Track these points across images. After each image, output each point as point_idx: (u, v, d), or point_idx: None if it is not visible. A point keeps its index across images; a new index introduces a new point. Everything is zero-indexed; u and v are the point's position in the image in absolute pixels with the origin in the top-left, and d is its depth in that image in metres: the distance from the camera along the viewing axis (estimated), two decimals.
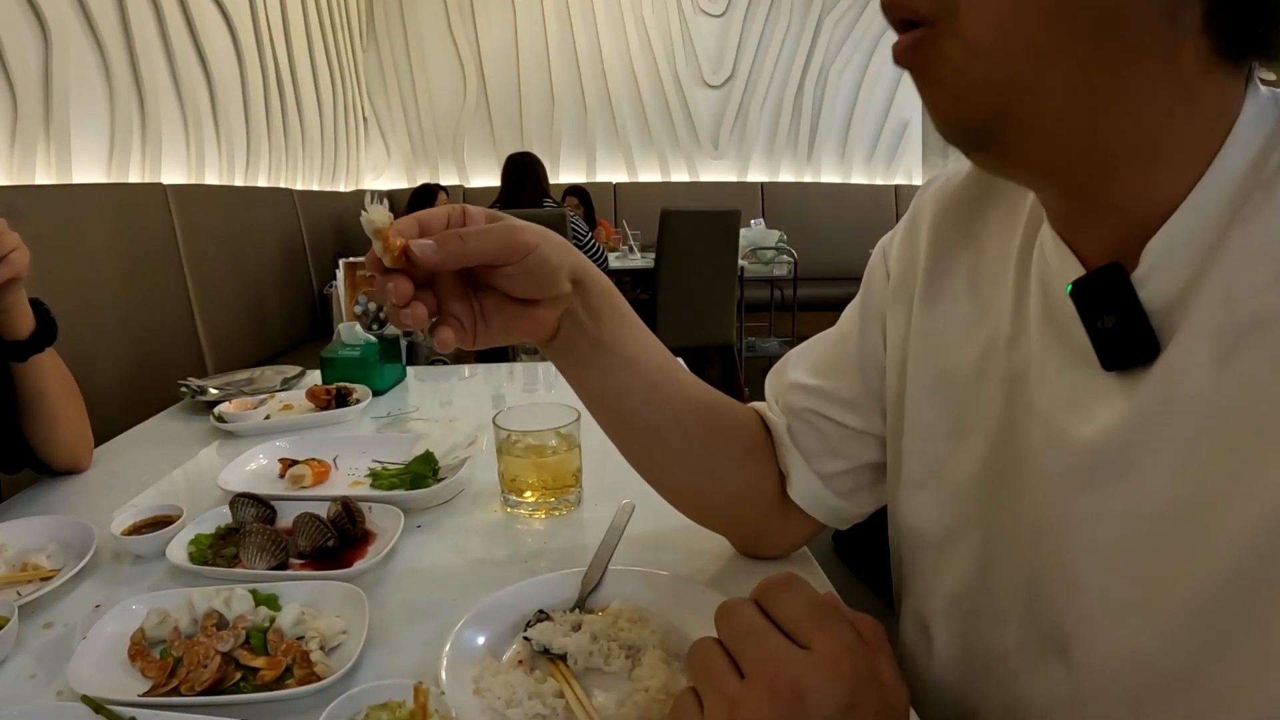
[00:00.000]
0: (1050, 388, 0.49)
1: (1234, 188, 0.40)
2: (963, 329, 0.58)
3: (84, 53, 2.42)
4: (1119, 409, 0.44)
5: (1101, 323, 0.44)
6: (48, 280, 1.93)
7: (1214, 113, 0.41)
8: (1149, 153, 0.41)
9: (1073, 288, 0.46)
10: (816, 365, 0.71)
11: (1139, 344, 0.43)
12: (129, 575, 0.82)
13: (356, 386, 1.43)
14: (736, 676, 0.38)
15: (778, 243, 4.58)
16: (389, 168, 5.87)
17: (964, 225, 0.60)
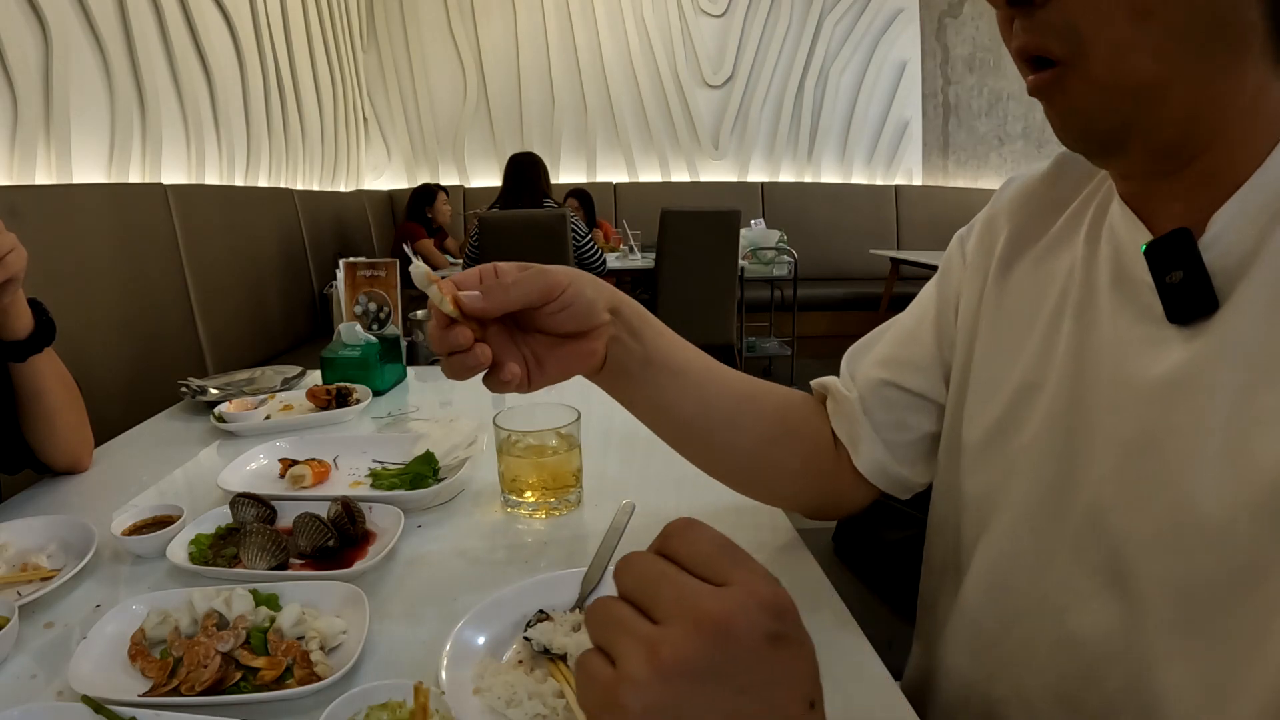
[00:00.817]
0: (1119, 340, 0.54)
1: None
2: (1034, 297, 0.63)
3: (84, 53, 2.42)
4: (1179, 354, 0.49)
5: (1170, 278, 0.49)
6: (48, 280, 1.94)
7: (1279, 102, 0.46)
8: (1230, 138, 0.47)
9: (1147, 247, 0.51)
10: (894, 338, 0.76)
11: (1201, 299, 0.48)
12: (129, 575, 0.82)
13: (357, 387, 1.43)
14: (649, 623, 0.35)
15: (778, 243, 4.58)
16: (389, 168, 5.88)
17: (1038, 216, 0.65)
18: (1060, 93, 0.48)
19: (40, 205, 1.96)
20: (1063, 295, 0.60)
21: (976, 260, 0.70)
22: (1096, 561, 0.54)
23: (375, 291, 1.83)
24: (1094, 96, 0.47)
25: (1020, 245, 0.66)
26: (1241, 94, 0.45)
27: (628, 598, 0.36)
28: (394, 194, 5.58)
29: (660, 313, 3.63)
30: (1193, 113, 0.46)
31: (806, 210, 5.96)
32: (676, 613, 0.34)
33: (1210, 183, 0.48)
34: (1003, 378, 0.64)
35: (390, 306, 1.83)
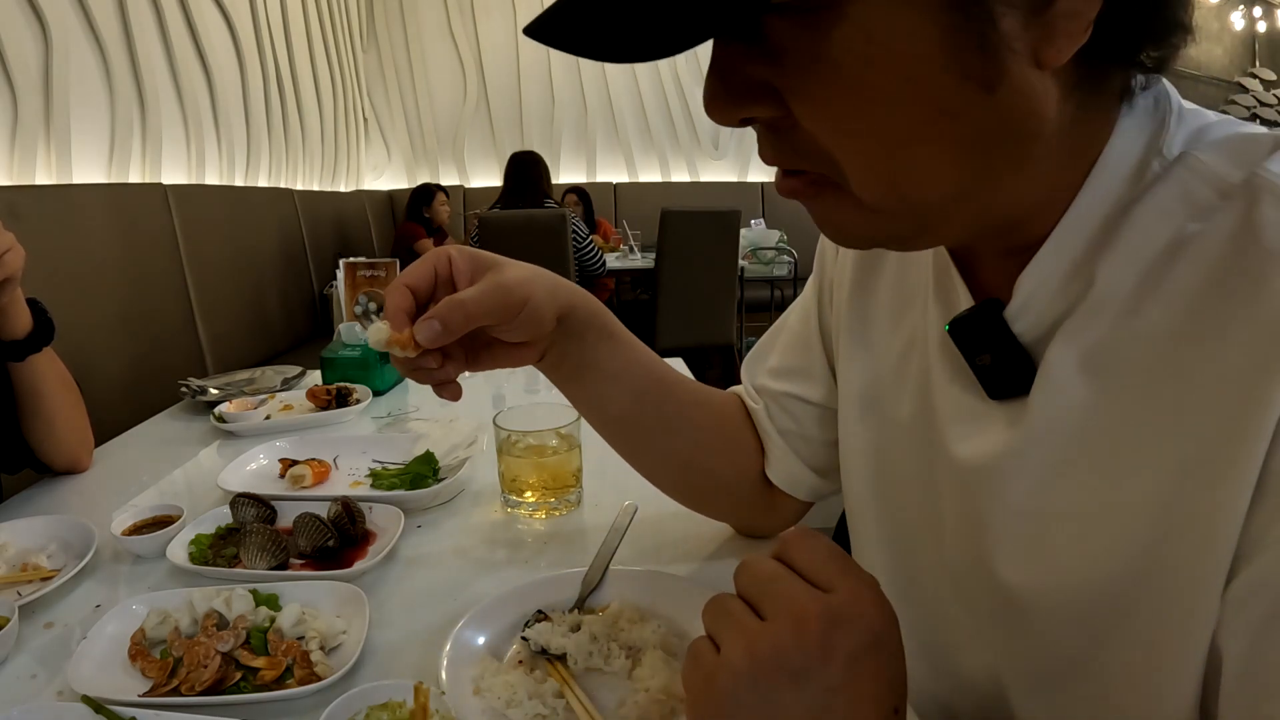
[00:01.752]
0: (945, 403, 0.52)
1: (1098, 218, 0.41)
2: (888, 330, 0.60)
3: (84, 53, 2.42)
4: (997, 435, 0.47)
5: (980, 360, 0.47)
6: (48, 281, 1.94)
7: (1083, 148, 0.42)
8: (1030, 203, 0.42)
9: (950, 327, 0.48)
10: (786, 344, 0.75)
11: (1017, 374, 0.45)
12: (129, 575, 0.82)
13: (357, 387, 1.43)
14: (757, 618, 0.38)
15: (778, 243, 4.58)
16: (389, 168, 5.87)
17: None
18: (814, 203, 0.42)
19: (40, 205, 1.96)
20: (914, 327, 0.57)
21: (846, 254, 0.66)
22: (972, 608, 0.53)
23: (375, 291, 1.83)
24: (854, 211, 0.40)
25: (876, 258, 0.62)
26: (1040, 173, 0.41)
27: (742, 595, 0.39)
28: (394, 194, 5.57)
29: (660, 313, 3.65)
30: (983, 211, 0.41)
31: (806, 211, 5.95)
32: (782, 611, 0.37)
33: (1019, 243, 0.44)
34: (864, 412, 0.62)
35: None
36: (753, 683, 0.36)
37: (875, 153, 0.38)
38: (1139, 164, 0.41)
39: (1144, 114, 0.42)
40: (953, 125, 0.36)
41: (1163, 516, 0.39)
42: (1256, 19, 5.93)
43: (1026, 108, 0.37)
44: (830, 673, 0.36)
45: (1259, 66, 6.17)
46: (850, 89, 0.36)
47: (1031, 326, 0.44)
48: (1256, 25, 5.95)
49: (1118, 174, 0.41)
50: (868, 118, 0.36)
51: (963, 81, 0.35)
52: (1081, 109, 0.40)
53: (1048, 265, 0.43)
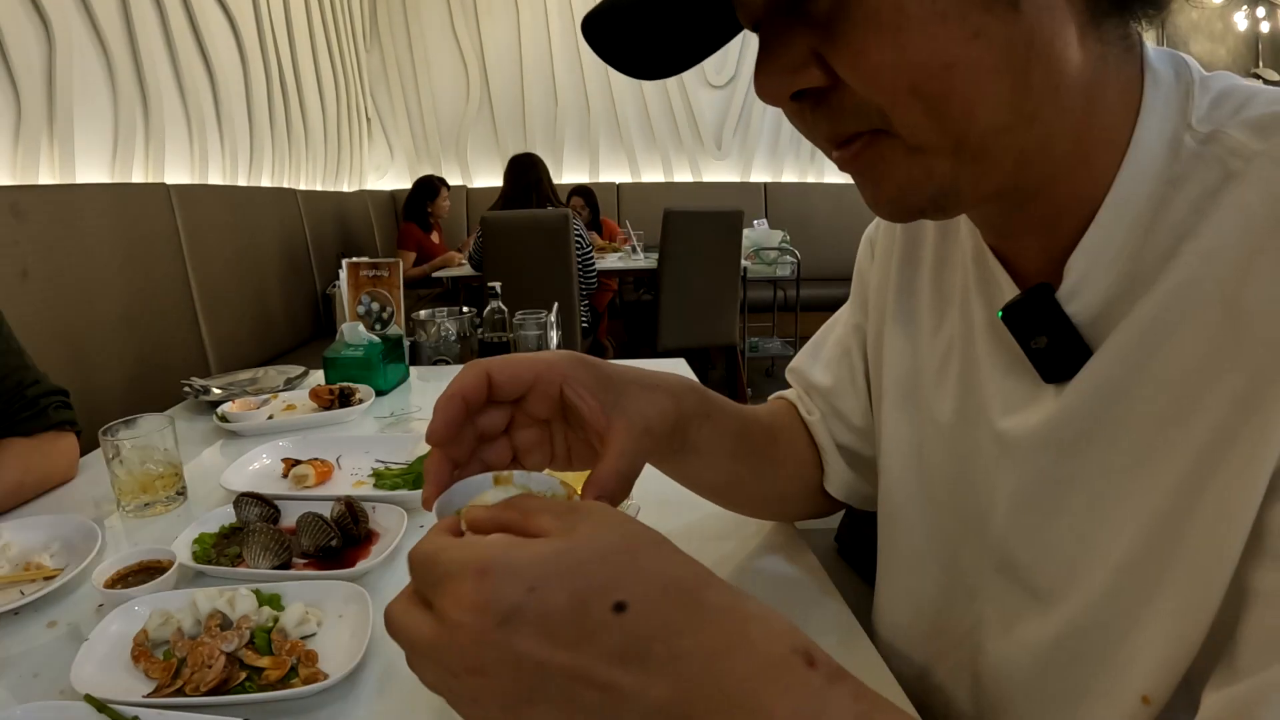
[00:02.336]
0: (996, 394, 0.52)
1: (1148, 185, 0.43)
2: (929, 327, 0.61)
3: (87, 53, 2.42)
4: (1052, 410, 0.48)
5: (1035, 343, 0.47)
6: (51, 281, 1.94)
7: (1118, 113, 0.43)
8: (1075, 157, 0.43)
9: (1004, 313, 0.49)
10: (833, 358, 0.75)
11: (1074, 356, 0.46)
12: None
13: (359, 386, 1.43)
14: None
15: (781, 243, 4.58)
16: (392, 168, 5.88)
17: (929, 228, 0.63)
18: (872, 164, 0.44)
19: (44, 205, 1.96)
20: (954, 329, 0.58)
21: (885, 259, 0.67)
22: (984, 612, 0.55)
23: (378, 291, 1.83)
24: (909, 161, 0.42)
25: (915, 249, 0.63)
26: (1069, 120, 0.42)
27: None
28: (397, 194, 5.58)
29: (663, 313, 3.65)
30: (1020, 156, 0.42)
31: (809, 210, 5.95)
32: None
33: (1063, 217, 0.46)
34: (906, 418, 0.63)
35: (393, 306, 1.83)
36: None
37: (918, 86, 0.39)
38: (1172, 138, 0.42)
39: (1168, 86, 0.43)
40: (986, 49, 0.38)
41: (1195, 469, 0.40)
42: (1260, 19, 5.91)
43: (1051, 30, 0.39)
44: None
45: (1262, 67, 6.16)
46: (886, 29, 0.38)
47: (1085, 307, 0.45)
48: (1260, 25, 5.93)
49: (1154, 149, 0.42)
50: (906, 51, 0.38)
51: (989, 3, 0.37)
52: (1101, 63, 0.42)
53: (1097, 244, 0.44)
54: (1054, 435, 0.48)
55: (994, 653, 0.55)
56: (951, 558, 0.60)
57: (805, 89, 0.42)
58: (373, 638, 0.66)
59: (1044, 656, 0.51)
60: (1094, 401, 0.45)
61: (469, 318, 1.86)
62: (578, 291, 3.39)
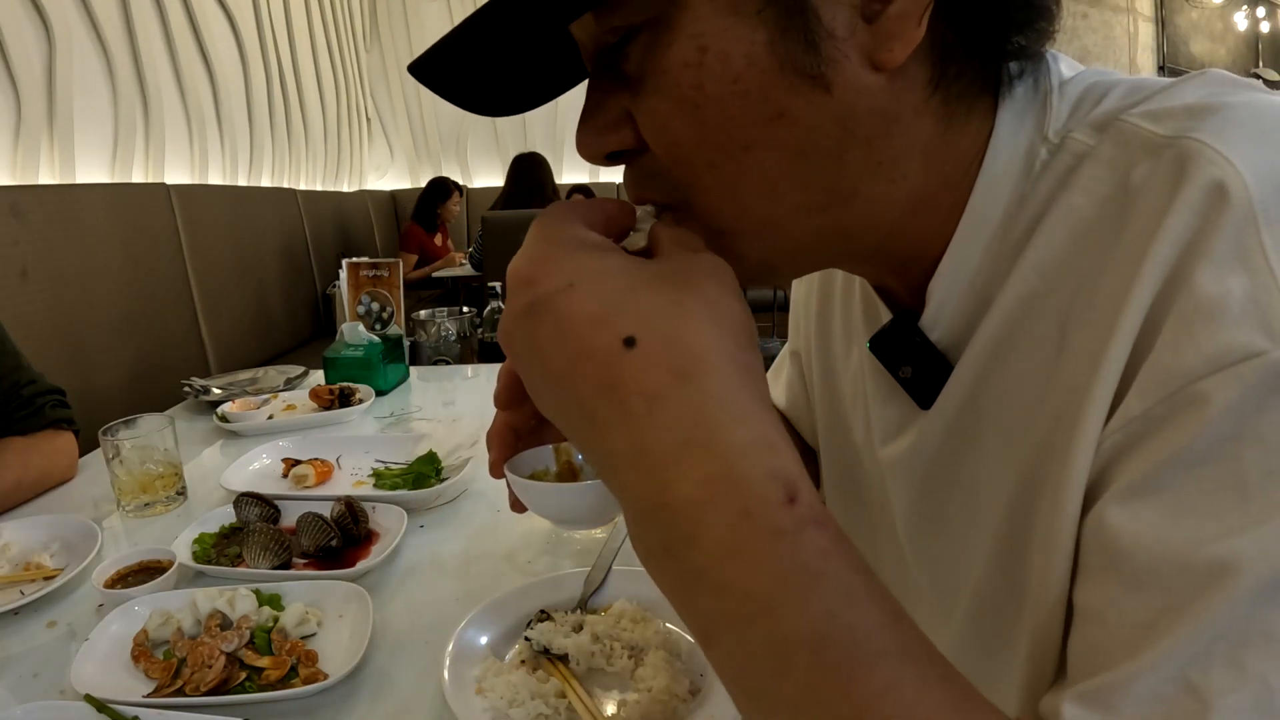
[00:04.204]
0: (879, 420, 0.52)
1: (1000, 208, 0.40)
2: (842, 356, 0.60)
3: (88, 53, 2.42)
4: (919, 435, 0.47)
5: (902, 372, 0.47)
6: (52, 281, 1.94)
7: (966, 147, 0.40)
8: (916, 211, 0.41)
9: (871, 344, 0.48)
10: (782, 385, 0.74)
11: (942, 382, 0.44)
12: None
13: (359, 386, 1.43)
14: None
15: None
16: (392, 168, 5.87)
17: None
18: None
19: (44, 205, 1.96)
20: (858, 370, 0.57)
21: (806, 286, 0.66)
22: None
23: (378, 291, 1.83)
24: (715, 244, 0.39)
25: (830, 279, 0.62)
26: (901, 187, 0.39)
27: None
28: (397, 194, 5.57)
29: None
30: (842, 230, 0.40)
31: None
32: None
33: (912, 260, 0.43)
34: (830, 433, 0.63)
35: (393, 307, 1.83)
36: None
37: (717, 168, 0.37)
38: (1026, 155, 0.40)
39: (1023, 101, 0.40)
40: (791, 130, 0.36)
41: (1032, 486, 0.39)
42: (1260, 19, 5.91)
43: (870, 109, 0.36)
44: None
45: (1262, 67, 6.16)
46: (686, 99, 0.36)
47: (948, 334, 0.44)
48: (1260, 25, 5.93)
49: (1007, 171, 0.40)
50: (704, 126, 0.36)
51: (796, 83, 0.35)
52: (949, 108, 0.38)
53: (952, 271, 0.42)
54: (923, 457, 0.47)
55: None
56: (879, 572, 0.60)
57: (618, 151, 0.40)
58: (373, 638, 0.66)
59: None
60: (955, 422, 0.44)
61: (469, 318, 1.86)
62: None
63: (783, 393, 0.74)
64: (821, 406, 0.64)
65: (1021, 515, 0.40)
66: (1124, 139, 0.37)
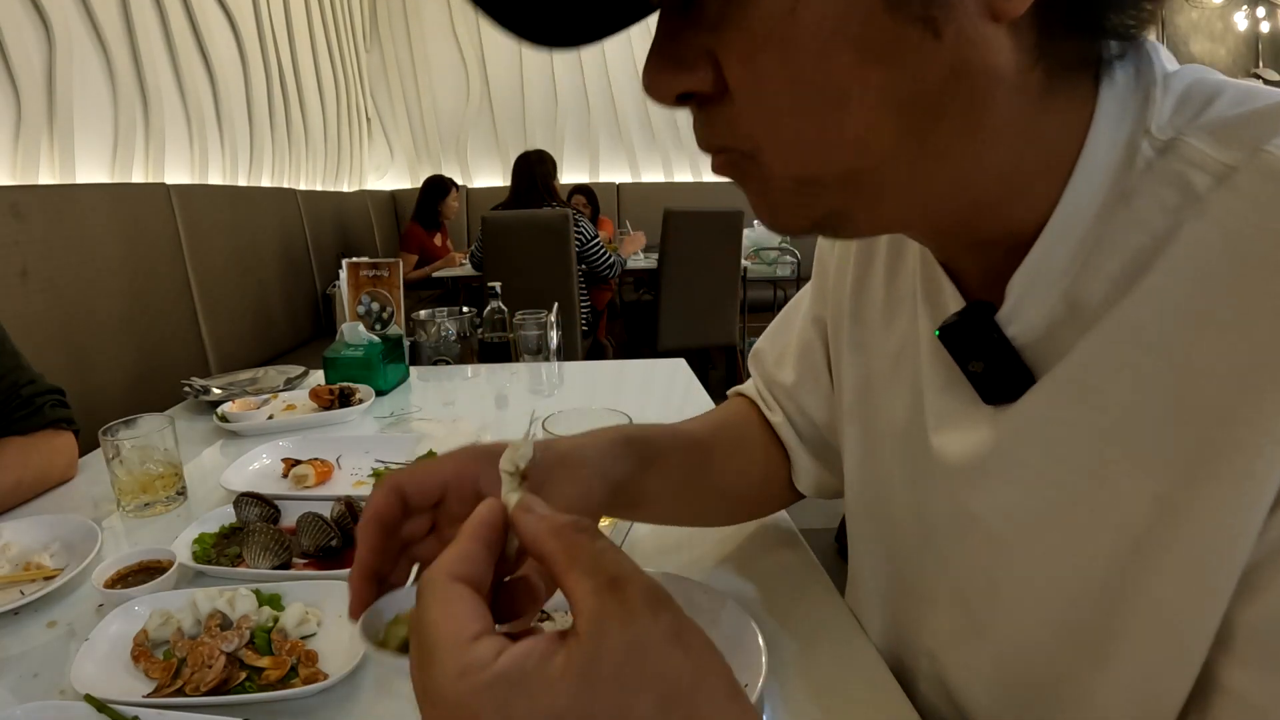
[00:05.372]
0: (937, 409, 0.50)
1: (1097, 201, 0.38)
2: (880, 331, 0.58)
3: (87, 53, 2.42)
4: (987, 434, 0.45)
5: (972, 366, 0.44)
6: (51, 281, 1.94)
7: (1065, 131, 0.38)
8: (1000, 193, 0.39)
9: (940, 332, 0.45)
10: (798, 353, 0.72)
11: (1014, 380, 0.42)
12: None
13: (359, 386, 1.43)
14: None
15: (781, 243, 4.58)
16: (392, 168, 5.88)
17: None
18: (744, 179, 0.40)
19: (44, 205, 1.96)
20: (905, 333, 0.55)
21: (843, 251, 0.64)
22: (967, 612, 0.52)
23: (378, 291, 1.83)
24: (785, 189, 0.38)
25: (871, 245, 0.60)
26: (996, 154, 0.37)
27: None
28: (397, 194, 5.58)
29: (663, 313, 3.65)
30: (930, 191, 0.38)
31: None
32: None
33: (1007, 236, 0.41)
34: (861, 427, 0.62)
35: (393, 306, 1.83)
36: None
37: (806, 114, 0.35)
38: (1127, 148, 0.38)
39: (1125, 89, 0.38)
40: (889, 74, 0.34)
41: (1150, 528, 0.37)
42: (1260, 19, 5.91)
43: (978, 63, 0.34)
44: None
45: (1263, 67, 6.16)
46: (780, 37, 0.33)
47: (1026, 330, 0.42)
48: (1260, 25, 5.93)
49: (1106, 163, 0.38)
50: (797, 68, 0.34)
51: (904, 26, 0.32)
52: (1050, 82, 0.36)
53: (1039, 266, 0.40)
54: (989, 459, 0.45)
55: (953, 666, 0.54)
56: (902, 570, 0.59)
57: (692, 92, 0.38)
58: None
59: (992, 680, 0.50)
60: (1033, 432, 0.42)
61: (469, 318, 1.86)
62: (578, 291, 3.39)
63: (793, 366, 0.72)
64: (848, 377, 0.62)
65: (1133, 560, 0.38)
66: (1270, 172, 0.34)
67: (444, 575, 0.31)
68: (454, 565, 0.32)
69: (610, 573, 0.30)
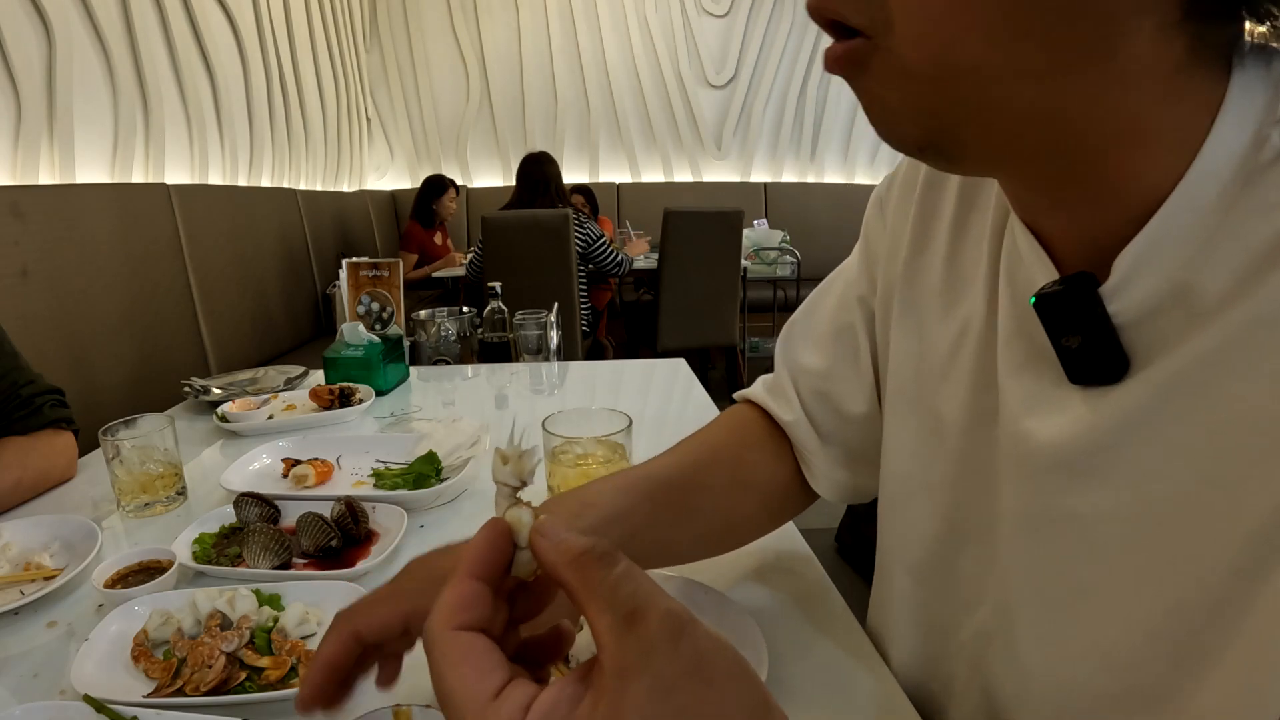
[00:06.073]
0: (1015, 389, 0.47)
1: (1223, 179, 0.36)
2: (939, 308, 0.56)
3: (87, 53, 2.42)
4: (1084, 418, 0.42)
5: (1067, 340, 0.42)
6: (51, 281, 1.94)
7: (1199, 100, 0.37)
8: (1123, 146, 0.37)
9: (1037, 300, 0.43)
10: (824, 338, 0.69)
11: (1108, 361, 0.40)
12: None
13: (359, 386, 1.43)
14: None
15: (781, 243, 4.58)
16: (392, 168, 5.88)
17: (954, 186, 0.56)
18: (861, 72, 0.38)
19: (44, 205, 1.96)
20: (967, 319, 0.53)
21: (897, 225, 0.60)
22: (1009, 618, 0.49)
23: (378, 291, 1.83)
24: (900, 83, 0.37)
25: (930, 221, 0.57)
26: (1129, 91, 0.35)
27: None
28: (397, 194, 5.58)
29: (663, 313, 3.65)
30: (1044, 114, 0.36)
31: (810, 210, 5.95)
32: None
33: (1117, 203, 0.39)
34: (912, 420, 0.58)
35: (393, 306, 1.83)
36: None
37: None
38: (1255, 136, 0.36)
39: (1257, 79, 0.37)
40: None
41: (1270, 537, 0.35)
42: None
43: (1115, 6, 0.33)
44: None
45: None
46: None
47: (1128, 309, 0.39)
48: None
49: (1233, 147, 0.36)
50: None
51: None
52: (1186, 58, 0.35)
53: (1154, 243, 0.38)
54: (1077, 447, 0.42)
55: (1002, 676, 0.51)
56: (950, 564, 0.56)
57: None
58: None
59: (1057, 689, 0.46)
60: (1130, 424, 0.40)
61: (469, 318, 1.86)
62: (578, 291, 3.39)
63: (825, 350, 0.69)
64: (898, 364, 0.60)
65: (1244, 580, 0.36)
66: None
67: (445, 628, 0.31)
68: (454, 614, 0.31)
69: (627, 607, 0.29)
